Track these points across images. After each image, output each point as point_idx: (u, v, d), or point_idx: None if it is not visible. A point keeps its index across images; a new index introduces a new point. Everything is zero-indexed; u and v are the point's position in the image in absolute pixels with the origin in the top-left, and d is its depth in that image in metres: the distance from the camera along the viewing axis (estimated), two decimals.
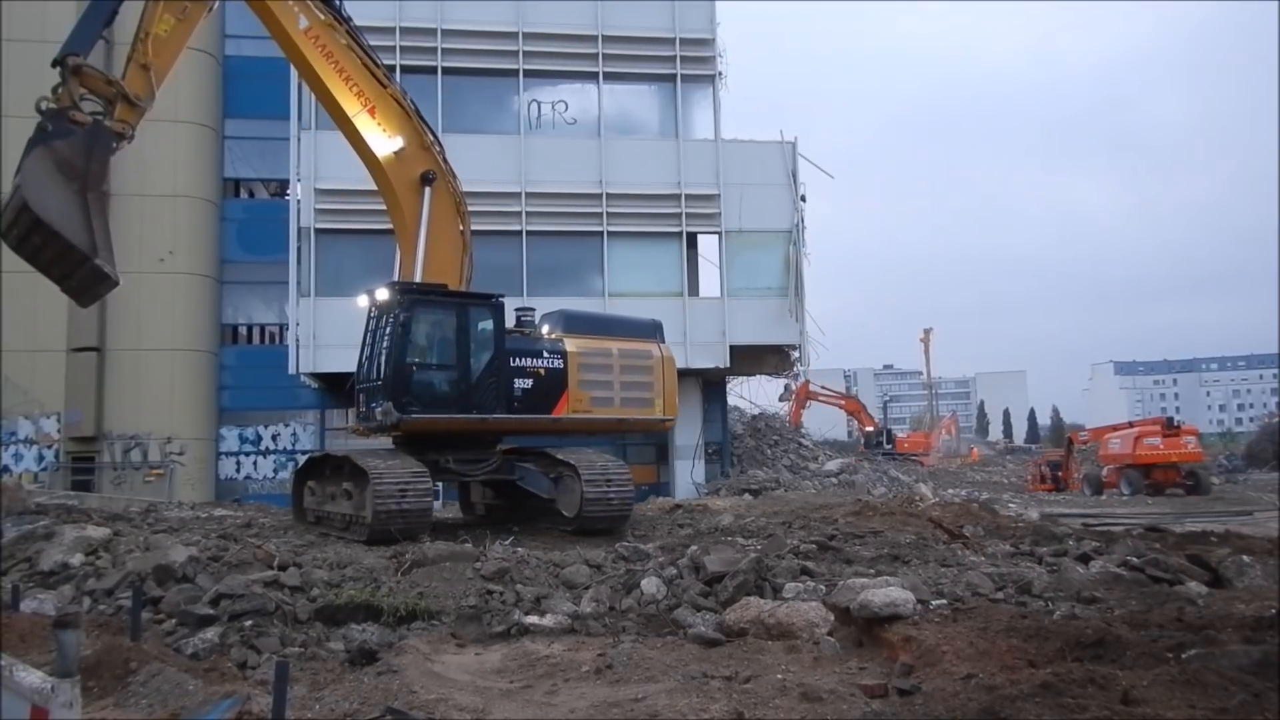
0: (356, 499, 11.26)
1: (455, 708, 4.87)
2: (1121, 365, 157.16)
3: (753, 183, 24.87)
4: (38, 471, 25.28)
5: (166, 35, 11.08)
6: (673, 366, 13.61)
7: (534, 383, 12.31)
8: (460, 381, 12.03)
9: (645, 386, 13.23)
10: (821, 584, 7.44)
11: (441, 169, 13.00)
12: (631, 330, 13.79)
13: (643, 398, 13.19)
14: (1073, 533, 11.51)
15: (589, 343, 12.97)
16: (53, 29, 26.10)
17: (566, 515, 12.10)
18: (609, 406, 12.85)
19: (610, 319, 14.89)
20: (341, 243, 23.08)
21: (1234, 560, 8.22)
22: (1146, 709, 4.16)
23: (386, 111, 12.68)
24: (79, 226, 9.55)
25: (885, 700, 4.87)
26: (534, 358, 12.41)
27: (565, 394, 12.47)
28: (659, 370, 13.33)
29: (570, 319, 13.33)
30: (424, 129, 13.00)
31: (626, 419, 13.27)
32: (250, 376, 26.79)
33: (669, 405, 13.48)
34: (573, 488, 12.00)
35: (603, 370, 12.89)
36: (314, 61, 12.33)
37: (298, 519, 12.99)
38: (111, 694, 4.89)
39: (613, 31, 24.97)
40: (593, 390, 12.70)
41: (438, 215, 12.89)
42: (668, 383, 13.41)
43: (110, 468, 25.16)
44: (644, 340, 13.52)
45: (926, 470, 44.73)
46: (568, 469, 12.16)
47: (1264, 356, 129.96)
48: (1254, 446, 52.28)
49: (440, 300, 12.35)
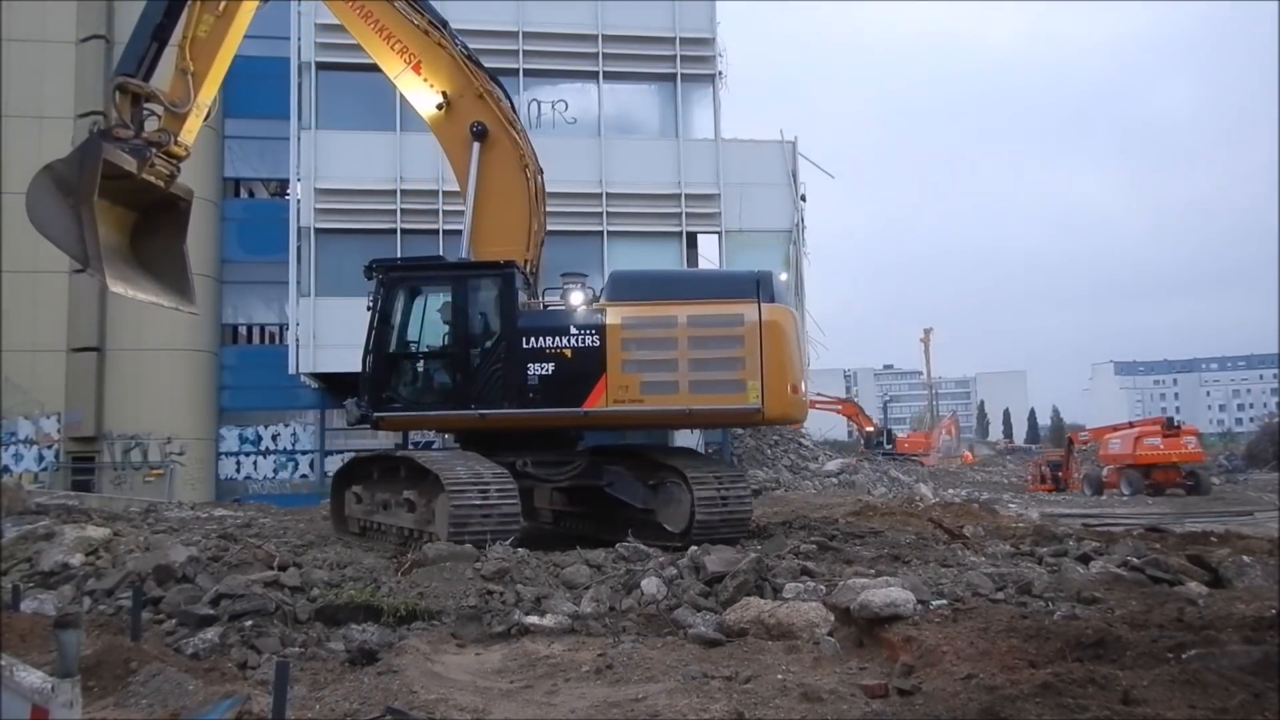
0: (422, 511, 9.65)
1: (455, 708, 4.87)
2: (1122, 365, 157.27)
3: (753, 182, 24.86)
4: (38, 471, 25.30)
5: (205, 36, 10.77)
6: (783, 333, 10.15)
7: (557, 367, 10.07)
8: (455, 370, 10.40)
9: (731, 364, 10.02)
10: (822, 584, 7.44)
11: (499, 119, 11.18)
12: (714, 288, 10.70)
13: (727, 379, 10.01)
14: (1073, 533, 11.51)
15: (641, 310, 10.17)
16: (53, 29, 26.22)
17: (670, 529, 10.28)
18: (671, 394, 10.04)
19: (683, 276, 11.77)
20: (341, 242, 23.07)
21: (1234, 560, 8.20)
22: (1147, 709, 4.16)
23: (434, 63, 11.28)
24: (74, 239, 9.65)
25: (885, 700, 4.87)
26: (558, 336, 10.12)
27: (603, 379, 10.00)
28: (753, 339, 9.99)
29: (620, 282, 10.63)
30: (477, 75, 11.35)
31: (698, 409, 10.15)
32: (250, 376, 26.81)
33: (774, 387, 9.98)
34: (679, 498, 10.29)
35: (660, 346, 10.07)
36: (354, 29, 11.47)
37: (338, 529, 11.33)
38: (111, 694, 4.89)
39: (613, 31, 24.97)
40: (644, 373, 10.02)
41: (492, 173, 11.11)
42: (774, 356, 10.01)
43: (110, 468, 25.18)
44: (732, 302, 10.22)
45: (927, 470, 44.71)
46: (672, 475, 10.41)
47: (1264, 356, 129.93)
48: (1254, 447, 52.25)
49: (428, 276, 10.88)
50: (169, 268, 10.81)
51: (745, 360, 9.97)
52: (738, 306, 10.15)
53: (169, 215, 10.81)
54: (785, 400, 10.12)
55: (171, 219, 10.84)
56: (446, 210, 22.15)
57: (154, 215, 10.73)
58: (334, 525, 11.56)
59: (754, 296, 10.19)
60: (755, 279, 10.35)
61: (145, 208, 10.67)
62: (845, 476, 27.40)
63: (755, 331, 9.99)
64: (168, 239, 10.83)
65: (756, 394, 9.96)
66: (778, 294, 10.45)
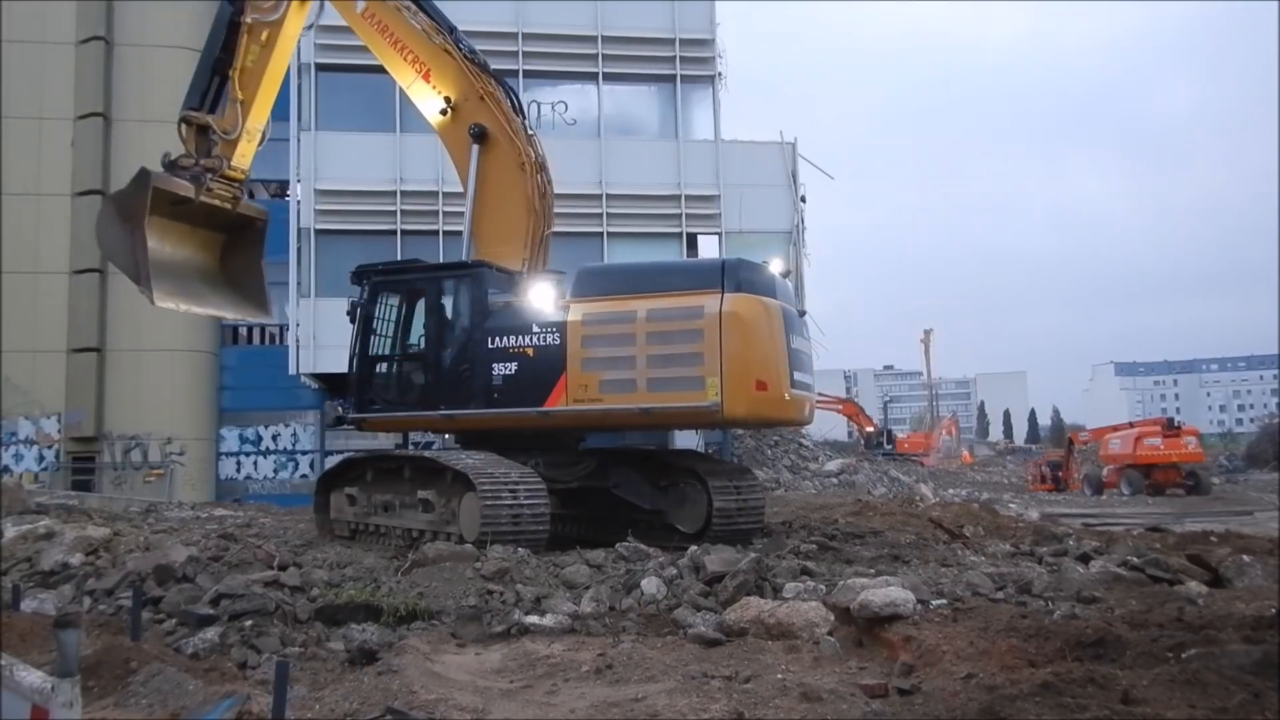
0: (442, 511, 9.49)
1: (455, 707, 4.86)
2: (1122, 366, 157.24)
3: (753, 183, 24.86)
4: (38, 472, 25.31)
5: (252, 66, 11.39)
6: (746, 324, 9.22)
7: (519, 367, 9.80)
8: (428, 371, 10.41)
9: (689, 360, 9.23)
10: (822, 584, 7.44)
11: (499, 120, 11.07)
12: (678, 280, 9.85)
13: (685, 376, 9.26)
14: (1073, 533, 11.51)
15: (603, 306, 9.66)
16: (53, 29, 26.23)
17: (683, 530, 10.15)
18: (629, 392, 9.46)
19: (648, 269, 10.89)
20: (341, 243, 23.07)
21: (1234, 560, 8.21)
22: (1146, 709, 4.16)
23: (441, 70, 11.28)
24: (129, 260, 10.76)
25: (885, 700, 4.87)
26: (521, 335, 9.88)
27: (562, 378, 9.61)
28: (713, 333, 9.13)
29: (584, 277, 10.13)
30: (480, 77, 11.30)
31: (655, 409, 9.47)
32: (250, 377, 26.81)
33: (735, 384, 9.08)
34: (694, 498, 10.22)
35: (619, 342, 9.51)
36: (369, 40, 11.64)
37: (323, 532, 11.02)
38: (111, 694, 4.89)
39: (612, 32, 24.98)
40: (604, 371, 9.51)
41: (490, 175, 11.10)
42: (735, 349, 9.09)
43: (110, 468, 25.20)
44: (694, 293, 9.41)
45: (927, 470, 44.73)
46: (686, 477, 10.31)
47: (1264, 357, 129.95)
48: (1254, 447, 52.35)
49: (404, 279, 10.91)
50: (250, 281, 11.92)
51: (705, 355, 9.17)
52: (700, 298, 9.35)
53: (249, 234, 11.85)
54: (749, 398, 9.21)
55: (250, 237, 11.86)
56: (446, 211, 22.16)
57: (237, 235, 11.79)
58: (318, 529, 11.25)
59: (718, 287, 9.34)
60: (721, 267, 9.59)
61: (229, 228, 11.70)
62: (845, 477, 27.42)
63: (715, 324, 9.13)
64: (246, 255, 11.89)
65: (715, 391, 9.09)
66: (760, 283, 9.62)
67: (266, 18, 11.30)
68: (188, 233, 11.20)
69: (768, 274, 10.03)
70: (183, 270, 11.17)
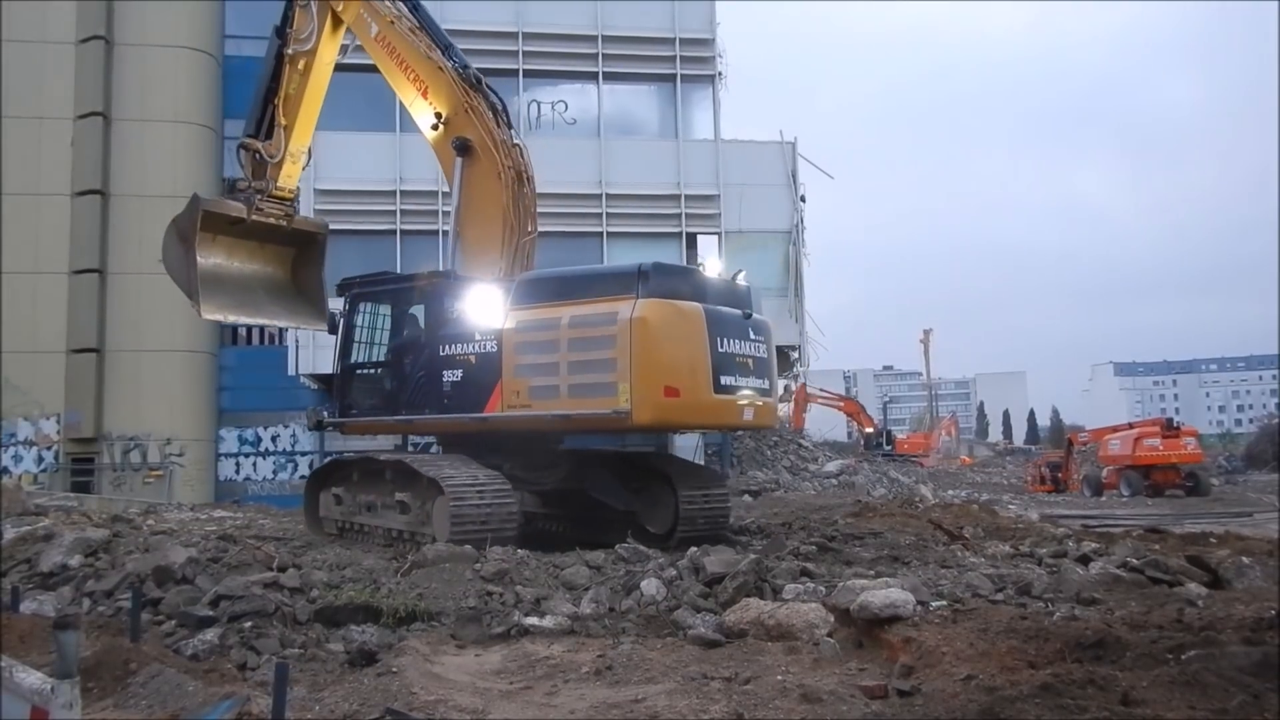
0: (416, 512, 9.81)
1: (455, 709, 4.87)
2: (1121, 366, 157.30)
3: (752, 183, 24.86)
4: (37, 473, 25.28)
5: (294, 93, 12.34)
6: (653, 329, 9.15)
7: (464, 374, 10.14)
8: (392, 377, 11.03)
9: (603, 366, 9.24)
10: (821, 585, 7.44)
11: (481, 133, 11.23)
12: (599, 287, 9.84)
13: (600, 382, 9.26)
14: (1072, 534, 11.51)
15: (534, 313, 9.80)
16: (53, 29, 26.22)
17: (652, 530, 10.45)
18: (552, 398, 9.55)
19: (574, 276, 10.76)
20: (341, 243, 22.87)
21: (1234, 561, 8.21)
22: (1146, 710, 4.16)
23: (436, 86, 11.55)
24: (185, 277, 11.79)
25: (885, 701, 4.86)
26: (466, 343, 10.22)
27: (499, 385, 9.81)
28: (624, 338, 9.10)
29: (522, 284, 10.26)
30: (469, 92, 11.46)
31: (574, 414, 9.54)
32: (250, 377, 26.79)
33: (643, 390, 9.03)
34: (664, 501, 10.58)
35: (545, 349, 9.62)
36: (378, 59, 12.04)
37: (313, 529, 11.47)
38: (111, 695, 4.89)
39: (612, 31, 24.99)
40: (533, 377, 9.64)
41: (473, 186, 11.33)
42: (643, 355, 9.06)
43: (110, 469, 25.16)
44: (611, 299, 9.41)
45: (926, 471, 44.72)
46: (655, 478, 10.71)
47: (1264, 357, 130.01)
48: (1254, 448, 52.27)
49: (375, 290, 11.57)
50: (312, 291, 12.89)
51: (618, 361, 9.16)
52: (615, 304, 9.34)
53: (312, 248, 12.93)
54: (656, 404, 9.15)
55: (312, 251, 12.92)
56: (446, 212, 22.08)
57: (303, 249, 12.90)
58: (308, 526, 11.73)
59: (633, 291, 9.33)
60: (636, 272, 9.49)
61: (296, 243, 12.82)
62: (845, 477, 27.39)
63: (627, 330, 9.12)
64: (308, 267, 12.93)
65: (626, 398, 9.08)
66: (678, 287, 9.58)
67: (303, 47, 12.28)
68: (256, 248, 12.45)
69: (694, 278, 10.12)
70: (249, 283, 12.31)
